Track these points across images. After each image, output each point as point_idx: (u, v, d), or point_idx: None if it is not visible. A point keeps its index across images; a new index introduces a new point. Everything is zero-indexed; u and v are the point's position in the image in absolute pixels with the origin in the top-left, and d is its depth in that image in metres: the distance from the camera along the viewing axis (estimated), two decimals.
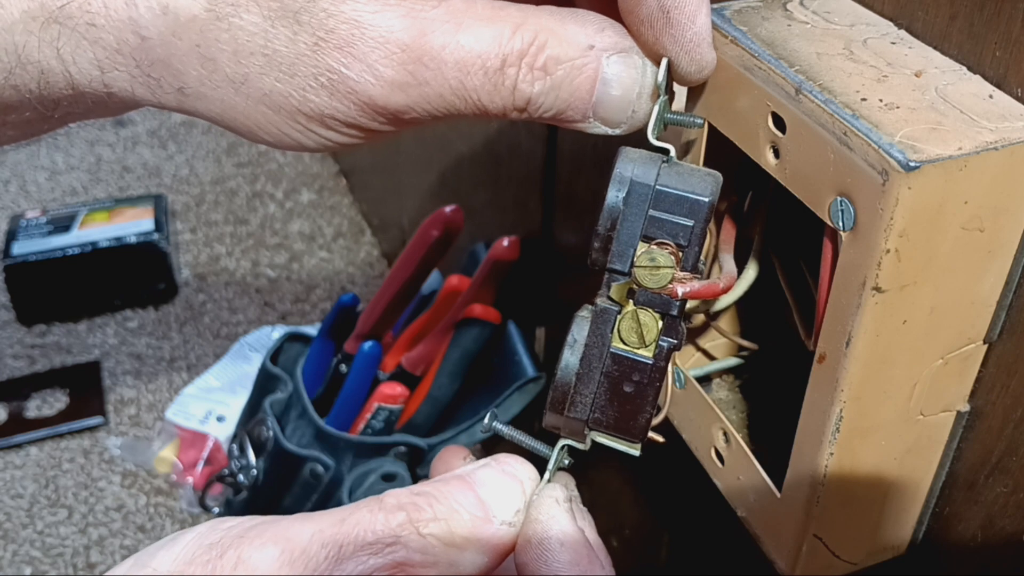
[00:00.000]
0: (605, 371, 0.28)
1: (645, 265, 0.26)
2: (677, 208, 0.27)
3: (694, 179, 0.27)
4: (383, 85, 0.26)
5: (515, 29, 0.26)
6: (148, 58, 0.26)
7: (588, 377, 0.28)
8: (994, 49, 0.27)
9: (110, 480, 0.92)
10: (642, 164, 0.27)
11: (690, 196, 0.27)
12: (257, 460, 0.75)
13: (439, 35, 0.25)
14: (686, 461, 0.39)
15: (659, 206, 0.27)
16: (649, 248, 0.27)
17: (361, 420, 0.73)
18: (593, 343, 0.28)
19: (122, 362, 1.04)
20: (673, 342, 0.27)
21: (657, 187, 0.27)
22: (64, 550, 0.86)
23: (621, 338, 0.27)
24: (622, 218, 0.27)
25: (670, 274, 0.26)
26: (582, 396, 0.28)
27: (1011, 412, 0.30)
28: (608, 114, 0.27)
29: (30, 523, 0.88)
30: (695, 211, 0.27)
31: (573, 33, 0.26)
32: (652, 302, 0.27)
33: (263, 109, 0.26)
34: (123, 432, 0.96)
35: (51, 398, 0.99)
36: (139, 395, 1.00)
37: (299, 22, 0.25)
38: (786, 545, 0.33)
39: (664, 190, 0.27)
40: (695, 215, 0.27)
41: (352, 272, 1.16)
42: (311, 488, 0.73)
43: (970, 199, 0.25)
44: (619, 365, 0.28)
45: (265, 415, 0.75)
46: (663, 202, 0.27)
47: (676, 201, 0.27)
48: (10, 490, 0.91)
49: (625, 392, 0.28)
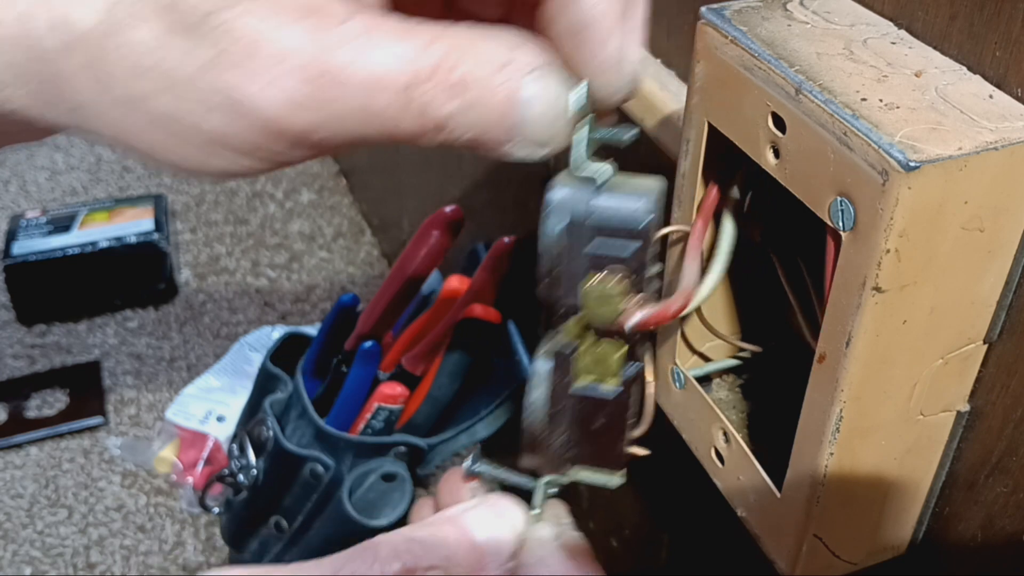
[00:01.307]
0: (573, 410, 0.28)
1: (595, 297, 0.26)
2: (619, 232, 0.26)
3: (631, 198, 0.26)
4: (283, 104, 0.24)
5: (426, 46, 0.25)
6: (43, 74, 0.25)
7: (558, 417, 0.28)
8: (994, 49, 0.27)
9: (110, 480, 0.92)
10: (576, 190, 0.26)
11: (629, 218, 0.25)
12: (257, 460, 0.75)
13: (344, 52, 0.24)
14: (686, 461, 0.39)
15: (601, 232, 0.26)
16: (597, 278, 0.26)
17: (361, 420, 0.73)
18: (557, 383, 0.27)
19: (122, 362, 1.04)
20: (639, 365, 0.27)
21: (594, 213, 0.26)
22: (64, 550, 0.86)
23: (583, 376, 0.27)
24: (565, 251, 0.26)
25: (621, 302, 0.26)
26: (555, 436, 0.28)
27: (1011, 412, 0.30)
28: (531, 134, 0.26)
29: (30, 523, 0.88)
30: (636, 232, 0.25)
31: (489, 50, 0.25)
32: (609, 332, 0.26)
33: (161, 130, 0.25)
34: (123, 432, 0.96)
35: (51, 398, 0.99)
36: (139, 395, 1.00)
37: (196, 37, 0.24)
38: (786, 545, 0.33)
39: (603, 215, 0.26)
40: (638, 236, 0.26)
41: (352, 272, 1.16)
42: (311, 488, 0.73)
43: (970, 199, 0.25)
44: (586, 403, 0.27)
45: (265, 415, 0.75)
46: (604, 228, 0.26)
47: (617, 225, 0.26)
48: (10, 490, 0.91)
49: (597, 427, 0.28)
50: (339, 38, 0.24)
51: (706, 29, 0.30)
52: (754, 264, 0.37)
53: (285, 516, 0.75)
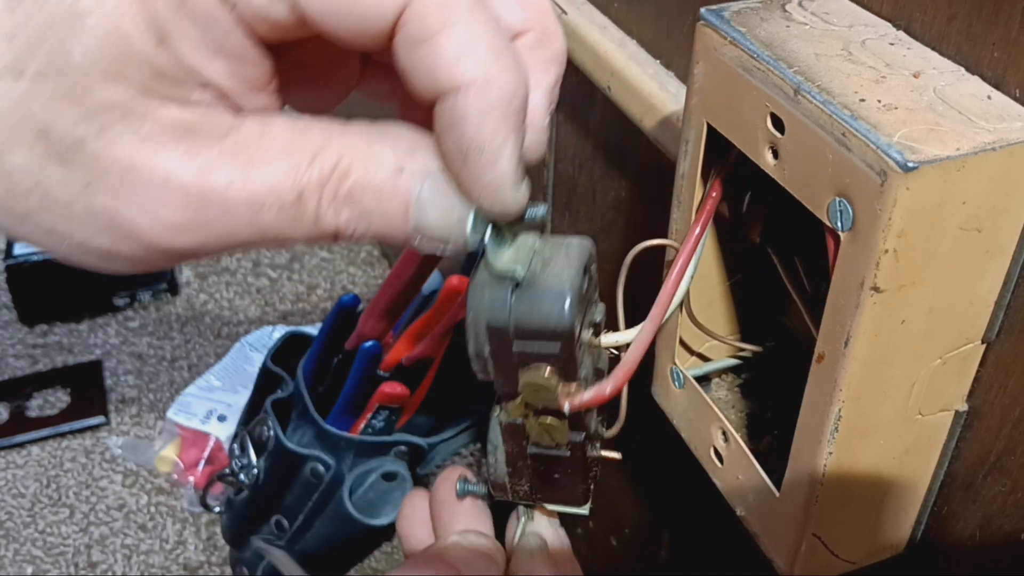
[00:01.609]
0: (531, 468, 0.30)
1: (529, 389, 0.27)
2: (540, 335, 0.26)
3: (549, 300, 0.26)
4: (163, 229, 0.24)
5: (313, 157, 0.24)
6: None
7: (519, 472, 0.30)
8: (992, 50, 0.27)
9: (111, 479, 0.92)
10: (491, 300, 0.26)
11: (548, 325, 0.26)
12: (258, 459, 0.75)
13: (223, 172, 0.23)
14: (686, 461, 0.39)
15: (522, 337, 0.26)
16: (528, 372, 0.27)
17: (362, 420, 0.73)
18: (512, 448, 0.30)
19: (123, 362, 1.04)
20: (583, 434, 0.29)
21: (515, 319, 0.26)
22: (66, 549, 0.86)
23: (535, 442, 0.29)
24: (492, 357, 0.27)
25: (555, 391, 0.27)
26: (520, 486, 0.31)
27: (1009, 412, 0.30)
28: (431, 235, 0.25)
29: (32, 522, 0.88)
30: (556, 337, 0.26)
31: (382, 155, 0.24)
32: (550, 411, 0.28)
33: (54, 241, 0.25)
34: (124, 431, 0.96)
35: (53, 398, 1.00)
36: (140, 394, 1.00)
37: (71, 163, 0.24)
38: (785, 544, 0.33)
39: (522, 321, 0.26)
40: (558, 337, 0.26)
41: (353, 272, 1.16)
42: (312, 487, 0.73)
43: (968, 199, 0.25)
44: (542, 462, 0.30)
45: (266, 414, 0.75)
46: (525, 334, 0.26)
47: (536, 331, 0.26)
48: (12, 489, 0.91)
49: (556, 478, 0.30)
50: (218, 157, 0.24)
51: (705, 30, 0.31)
52: (752, 264, 0.38)
53: (286, 515, 0.75)
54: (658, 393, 0.40)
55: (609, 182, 0.54)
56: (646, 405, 0.41)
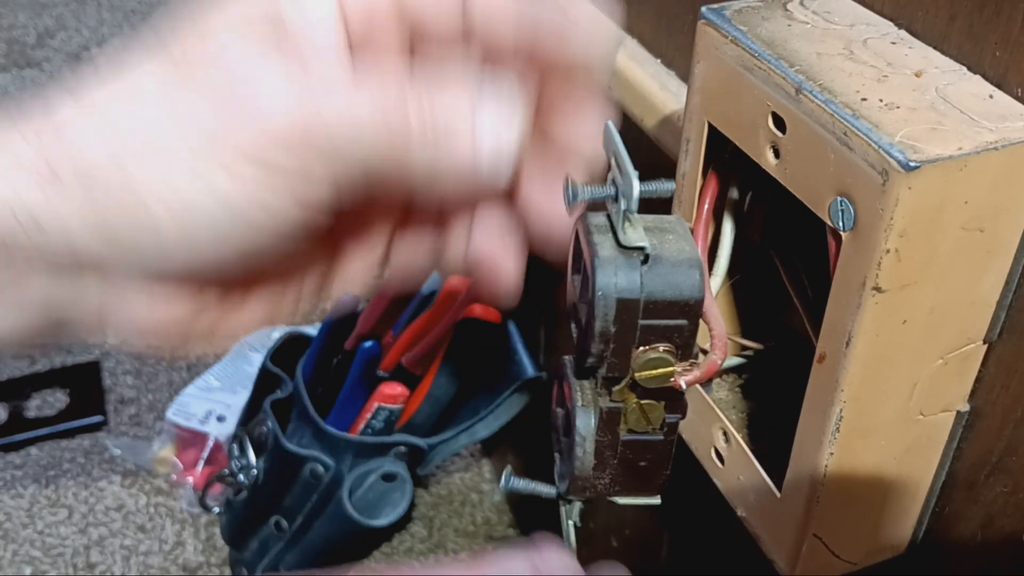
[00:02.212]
0: (619, 457, 0.29)
1: (647, 372, 0.26)
2: (668, 313, 0.26)
3: (678, 275, 0.26)
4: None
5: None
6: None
7: (603, 464, 0.29)
8: (994, 49, 0.27)
9: (110, 480, 0.92)
10: (623, 273, 0.26)
11: (679, 299, 0.26)
12: (257, 460, 0.75)
13: None
14: (686, 461, 0.39)
15: (649, 315, 0.26)
16: (646, 352, 0.26)
17: (361, 420, 0.73)
18: (604, 436, 0.29)
19: (122, 362, 1.04)
20: (679, 416, 0.28)
21: (645, 298, 0.26)
22: (64, 550, 0.86)
23: (630, 428, 0.28)
24: (615, 334, 0.26)
25: (672, 372, 0.26)
26: (601, 480, 0.30)
27: (1011, 412, 0.30)
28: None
29: (30, 523, 0.88)
30: (686, 311, 0.26)
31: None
32: (655, 394, 0.27)
33: None
34: (123, 432, 0.96)
35: (51, 398, 0.99)
36: (139, 395, 1.00)
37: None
38: (786, 545, 0.33)
39: (652, 299, 0.26)
40: (687, 315, 0.26)
41: None
42: (311, 488, 0.73)
43: (970, 199, 0.25)
44: (632, 449, 0.29)
45: (265, 415, 0.75)
46: (653, 311, 0.26)
47: (666, 307, 0.26)
48: (10, 490, 0.91)
49: (641, 466, 0.29)
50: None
51: (706, 29, 0.30)
52: (753, 264, 0.37)
53: (285, 516, 0.75)
54: None
55: None
56: None
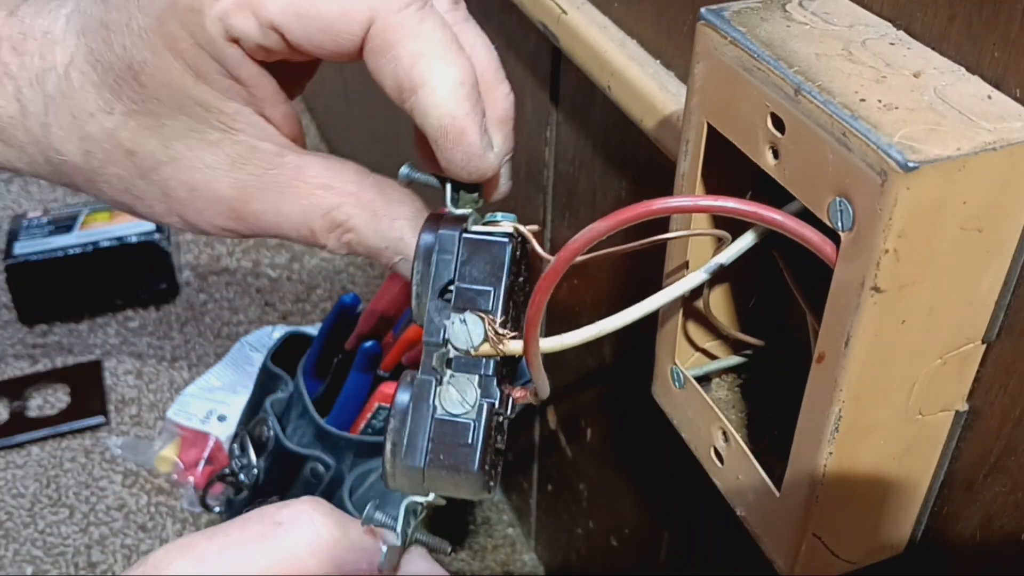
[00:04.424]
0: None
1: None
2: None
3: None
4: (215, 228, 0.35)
5: (328, 211, 0.33)
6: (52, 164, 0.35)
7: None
8: (992, 50, 0.27)
9: (111, 479, 0.92)
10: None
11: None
12: (258, 459, 0.75)
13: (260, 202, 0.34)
14: (686, 461, 0.39)
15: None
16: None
17: (361, 420, 0.73)
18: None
19: (123, 362, 1.04)
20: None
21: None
22: (65, 549, 0.86)
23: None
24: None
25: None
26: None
27: (1009, 412, 0.30)
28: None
29: (31, 522, 0.88)
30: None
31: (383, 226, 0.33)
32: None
33: (143, 217, 0.36)
34: (124, 431, 0.96)
35: (52, 397, 1.00)
36: (140, 394, 1.00)
37: (149, 179, 0.33)
38: (785, 544, 0.33)
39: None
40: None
41: (352, 272, 1.16)
42: (312, 487, 0.73)
43: (969, 199, 0.25)
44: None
45: (266, 414, 0.75)
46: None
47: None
48: (11, 489, 0.91)
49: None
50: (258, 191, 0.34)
51: (705, 30, 0.31)
52: (752, 264, 0.38)
53: None
54: (658, 393, 0.40)
55: (609, 182, 0.54)
56: (646, 405, 0.41)
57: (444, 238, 0.30)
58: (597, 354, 0.61)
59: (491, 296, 0.29)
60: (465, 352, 0.30)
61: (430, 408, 0.30)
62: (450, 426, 0.30)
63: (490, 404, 0.30)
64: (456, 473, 0.30)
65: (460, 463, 0.30)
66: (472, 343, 0.29)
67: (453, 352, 0.30)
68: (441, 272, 0.30)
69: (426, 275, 0.30)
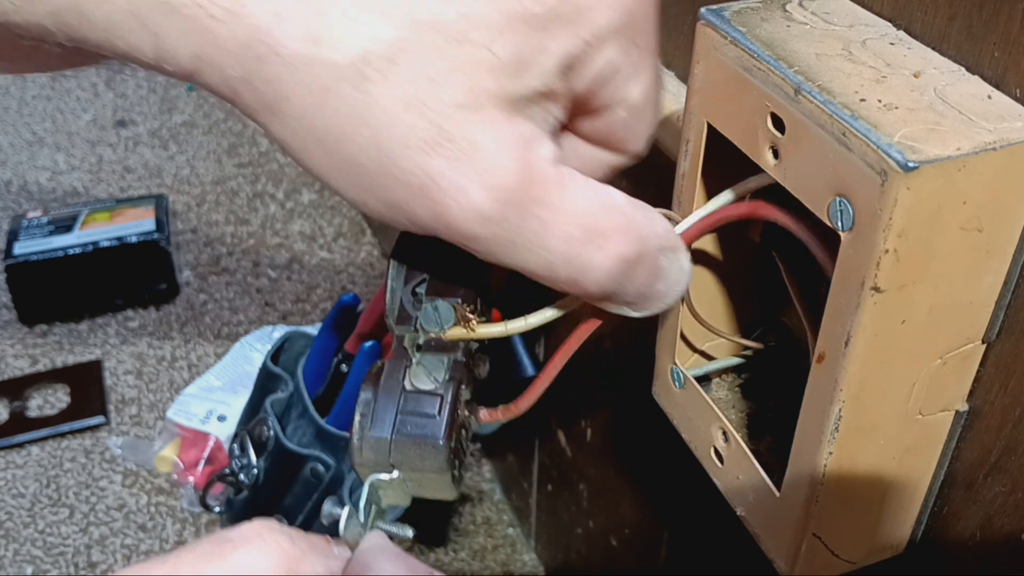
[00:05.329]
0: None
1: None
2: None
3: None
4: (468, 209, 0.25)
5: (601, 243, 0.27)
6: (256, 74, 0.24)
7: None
8: (992, 50, 0.27)
9: (111, 479, 0.92)
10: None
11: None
12: (258, 459, 0.75)
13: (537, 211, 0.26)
14: (686, 461, 0.39)
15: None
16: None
17: None
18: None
19: (123, 362, 1.04)
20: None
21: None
22: (65, 549, 0.86)
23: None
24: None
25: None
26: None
27: (1009, 411, 0.30)
28: (644, 302, 0.29)
29: (31, 522, 0.88)
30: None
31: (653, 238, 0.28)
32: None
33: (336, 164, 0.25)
34: (124, 431, 0.96)
35: (52, 397, 1.00)
36: (140, 394, 1.00)
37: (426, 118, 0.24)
38: (785, 544, 0.33)
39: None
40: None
41: (352, 272, 1.16)
42: (312, 487, 0.73)
43: (969, 199, 0.25)
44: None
45: (266, 414, 0.75)
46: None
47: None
48: (11, 489, 0.91)
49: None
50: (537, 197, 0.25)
51: (706, 30, 0.31)
52: (753, 264, 0.38)
53: (286, 515, 0.75)
54: (658, 393, 0.40)
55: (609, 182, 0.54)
56: (646, 405, 0.41)
57: (417, 241, 0.30)
58: (597, 354, 0.61)
59: (462, 287, 0.30)
60: (436, 335, 0.30)
61: (399, 385, 0.30)
62: (416, 398, 0.30)
63: (458, 382, 0.30)
64: (423, 443, 0.30)
65: (426, 433, 0.30)
66: (442, 325, 0.30)
67: (423, 336, 0.31)
68: (414, 269, 0.31)
69: (399, 271, 0.31)
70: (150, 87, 1.50)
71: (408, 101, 0.24)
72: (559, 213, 0.25)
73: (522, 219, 0.25)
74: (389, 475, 0.31)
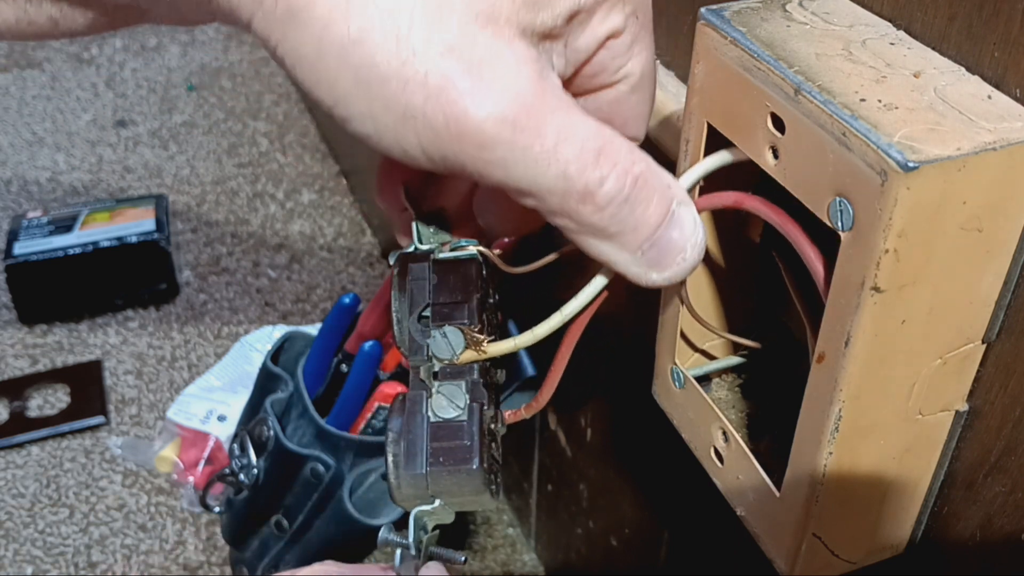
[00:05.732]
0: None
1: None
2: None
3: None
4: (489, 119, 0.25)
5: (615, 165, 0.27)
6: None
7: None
8: (992, 50, 0.27)
9: (111, 479, 0.92)
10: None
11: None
12: (258, 459, 0.75)
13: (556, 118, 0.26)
14: (686, 461, 0.39)
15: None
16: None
17: (362, 420, 0.73)
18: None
19: (123, 362, 1.04)
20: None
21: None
22: (65, 549, 0.86)
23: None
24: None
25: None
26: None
27: (1009, 411, 0.30)
28: (661, 254, 0.28)
29: (31, 522, 0.88)
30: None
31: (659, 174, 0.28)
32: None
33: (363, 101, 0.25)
34: (124, 431, 0.96)
35: (52, 397, 1.00)
36: (140, 394, 1.00)
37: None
38: (785, 544, 0.33)
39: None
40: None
41: (352, 272, 1.16)
42: (312, 487, 0.73)
43: (968, 199, 0.25)
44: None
45: (266, 414, 0.75)
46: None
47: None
48: (12, 489, 0.91)
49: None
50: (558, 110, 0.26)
51: (706, 30, 0.31)
52: (753, 264, 0.38)
53: (286, 515, 0.75)
54: (658, 393, 0.40)
55: None
56: (646, 405, 0.41)
57: (415, 269, 0.32)
58: (598, 354, 0.61)
59: (466, 308, 0.31)
60: (449, 361, 0.31)
61: (424, 418, 0.31)
62: (445, 428, 0.31)
63: (480, 404, 0.31)
64: (458, 472, 0.30)
65: (460, 461, 0.30)
66: (454, 351, 0.31)
67: (437, 364, 0.31)
68: (417, 297, 0.31)
69: (403, 303, 0.31)
70: (150, 87, 1.51)
71: (433, 6, 0.25)
72: (573, 125, 0.26)
73: (538, 125, 0.25)
74: (431, 505, 0.32)
